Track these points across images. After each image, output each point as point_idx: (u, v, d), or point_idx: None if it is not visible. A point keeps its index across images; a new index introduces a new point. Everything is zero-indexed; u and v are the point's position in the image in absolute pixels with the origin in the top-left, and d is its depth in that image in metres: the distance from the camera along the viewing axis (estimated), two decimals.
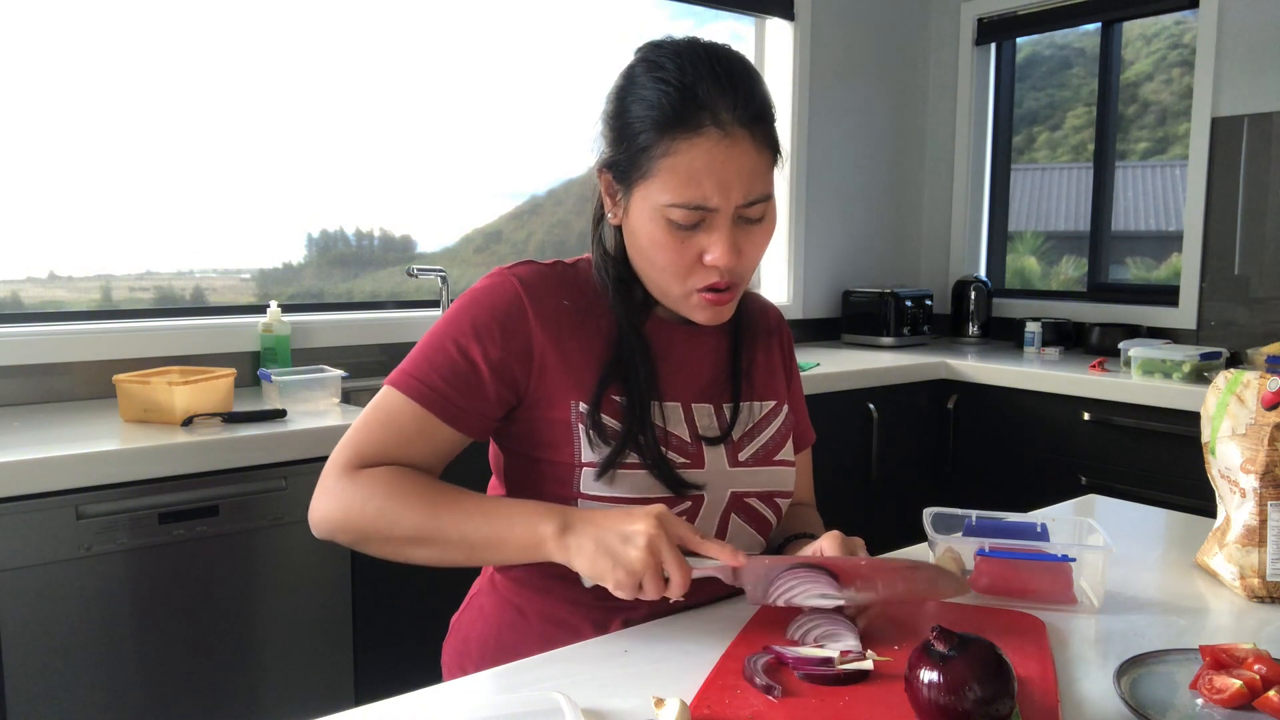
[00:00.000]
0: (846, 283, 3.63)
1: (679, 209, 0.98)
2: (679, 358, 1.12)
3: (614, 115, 1.03)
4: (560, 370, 1.05)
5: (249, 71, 2.41)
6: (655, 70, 0.99)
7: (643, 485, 1.04)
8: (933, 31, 3.81)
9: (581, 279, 1.11)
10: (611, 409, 1.05)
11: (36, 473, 1.55)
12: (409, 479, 1.01)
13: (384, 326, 2.53)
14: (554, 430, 1.05)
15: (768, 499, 1.13)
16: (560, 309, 1.07)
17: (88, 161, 2.22)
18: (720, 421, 1.12)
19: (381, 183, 2.68)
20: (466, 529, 0.97)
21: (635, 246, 1.06)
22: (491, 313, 1.04)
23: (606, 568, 0.90)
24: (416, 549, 0.99)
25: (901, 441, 2.97)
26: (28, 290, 2.22)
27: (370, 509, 0.99)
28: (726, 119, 0.96)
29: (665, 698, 0.80)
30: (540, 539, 0.95)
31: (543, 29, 2.89)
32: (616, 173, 1.04)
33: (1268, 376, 1.12)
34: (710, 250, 1.00)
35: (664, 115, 0.97)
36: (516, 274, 1.07)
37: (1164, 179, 3.37)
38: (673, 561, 0.90)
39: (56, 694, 1.59)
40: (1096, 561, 1.07)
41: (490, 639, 1.13)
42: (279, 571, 1.80)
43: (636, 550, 0.89)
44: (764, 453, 1.13)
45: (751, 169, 0.99)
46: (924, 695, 0.76)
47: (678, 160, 0.97)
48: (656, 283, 1.06)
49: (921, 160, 3.87)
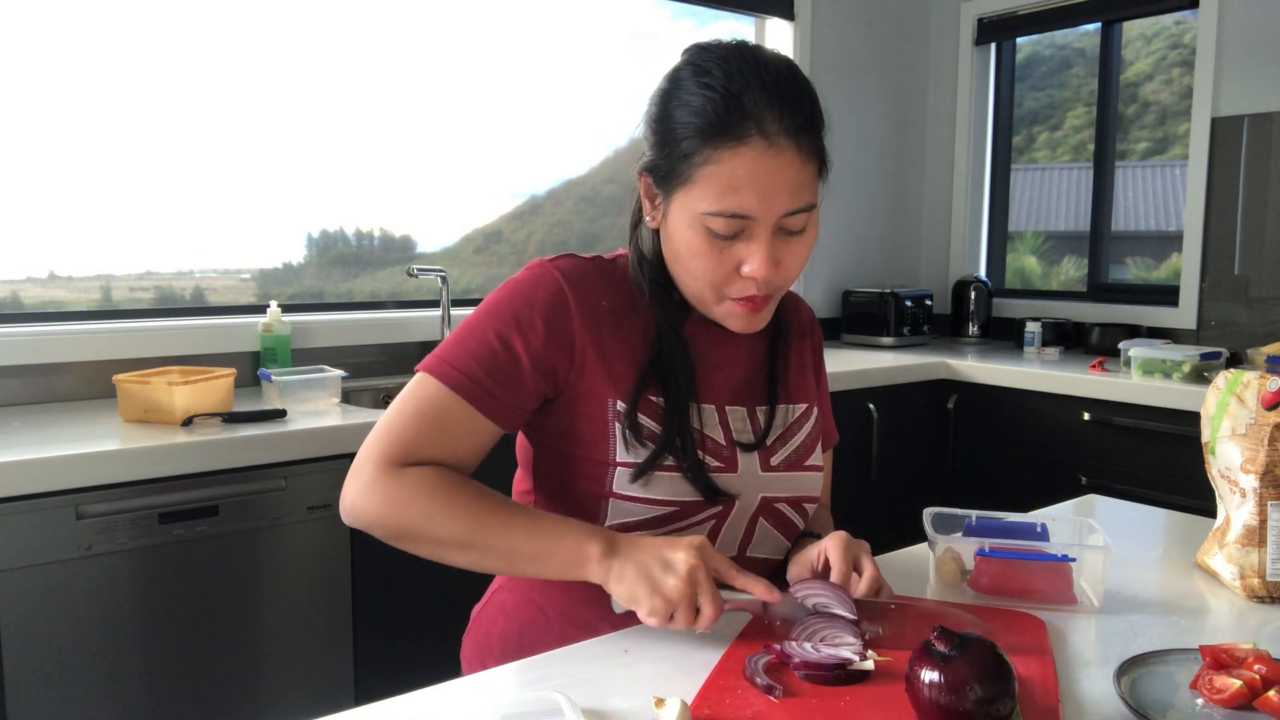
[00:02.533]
0: (846, 283, 3.63)
1: (718, 218, 0.97)
2: (715, 360, 1.11)
3: (657, 119, 1.02)
4: (599, 366, 1.04)
5: (249, 71, 2.41)
6: (701, 75, 0.98)
7: (677, 489, 1.03)
8: (933, 31, 3.81)
9: (620, 276, 1.10)
10: (649, 409, 1.04)
11: (36, 473, 1.55)
12: (456, 483, 1.00)
13: (384, 326, 2.53)
14: (591, 427, 1.04)
15: (796, 504, 1.13)
16: (600, 304, 1.06)
17: (88, 161, 2.22)
18: (754, 425, 1.11)
19: (381, 183, 2.68)
20: (513, 539, 0.97)
21: (672, 252, 1.05)
22: (533, 304, 1.03)
23: (644, 594, 0.91)
24: (457, 553, 0.99)
25: (901, 441, 2.96)
26: (28, 290, 2.22)
27: (415, 510, 0.98)
28: (772, 129, 0.95)
29: (666, 698, 0.80)
30: (585, 558, 0.95)
31: (543, 29, 2.89)
32: (657, 177, 1.02)
33: (1268, 376, 1.12)
34: (749, 261, 0.99)
35: (708, 123, 0.95)
36: (559, 266, 1.06)
37: (1164, 179, 3.37)
38: (708, 593, 0.90)
39: (56, 694, 1.59)
40: (1096, 561, 1.07)
41: (512, 636, 1.14)
42: (279, 571, 1.80)
43: (676, 579, 0.90)
44: (796, 458, 1.13)
45: (795, 180, 0.97)
46: (925, 695, 0.76)
47: (720, 169, 0.95)
48: (692, 289, 1.05)
49: (921, 160, 3.87)
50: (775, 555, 1.14)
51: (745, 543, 1.11)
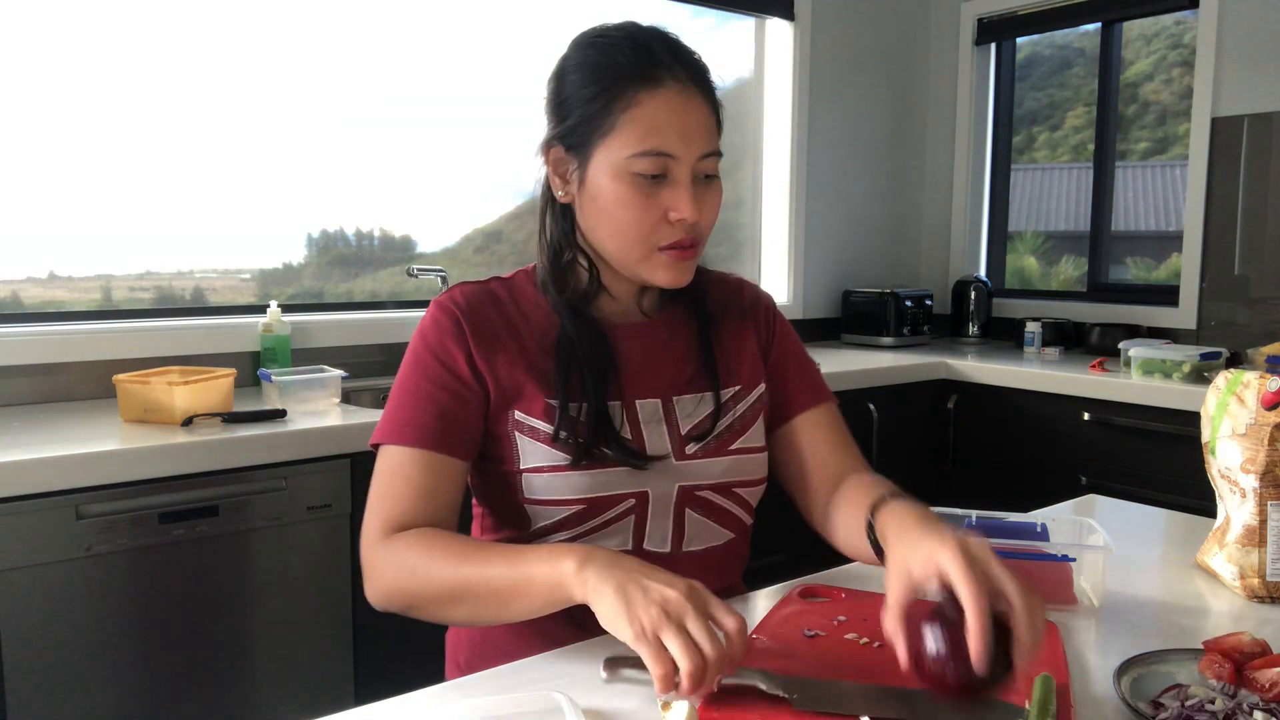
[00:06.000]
0: (846, 283, 3.62)
1: (644, 158, 1.00)
2: (625, 354, 1.11)
3: (559, 92, 1.07)
4: (498, 382, 1.06)
5: (249, 71, 2.41)
6: (602, 41, 1.05)
7: (582, 485, 1.04)
8: (933, 31, 3.81)
9: (517, 290, 1.13)
10: (546, 413, 1.06)
11: (36, 473, 1.55)
12: (435, 537, 0.99)
13: (384, 326, 2.53)
14: (498, 442, 1.07)
15: (725, 490, 1.11)
16: (494, 322, 1.09)
17: (88, 161, 2.22)
18: (670, 415, 1.11)
19: (381, 183, 2.68)
20: (491, 577, 0.93)
21: (595, 212, 1.05)
22: (443, 340, 1.07)
23: (622, 609, 0.81)
24: (453, 608, 0.97)
25: (901, 441, 2.96)
26: (28, 290, 2.22)
27: (404, 572, 0.97)
28: (682, 75, 1.02)
29: (672, 700, 0.79)
30: (560, 575, 0.88)
31: (543, 29, 2.89)
32: (569, 143, 1.05)
33: (1268, 376, 1.12)
34: (675, 206, 1.02)
35: (623, 71, 1.01)
36: (452, 299, 1.10)
37: (1164, 179, 3.37)
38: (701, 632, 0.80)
39: (56, 694, 1.59)
40: (1096, 561, 1.07)
41: (477, 635, 1.15)
42: (279, 571, 1.80)
43: (655, 606, 0.81)
44: (717, 444, 1.11)
45: (707, 124, 1.04)
46: (929, 661, 0.77)
47: (641, 111, 1.00)
48: (618, 249, 1.06)
49: (921, 160, 3.87)
50: (716, 543, 1.12)
51: (678, 537, 1.10)
